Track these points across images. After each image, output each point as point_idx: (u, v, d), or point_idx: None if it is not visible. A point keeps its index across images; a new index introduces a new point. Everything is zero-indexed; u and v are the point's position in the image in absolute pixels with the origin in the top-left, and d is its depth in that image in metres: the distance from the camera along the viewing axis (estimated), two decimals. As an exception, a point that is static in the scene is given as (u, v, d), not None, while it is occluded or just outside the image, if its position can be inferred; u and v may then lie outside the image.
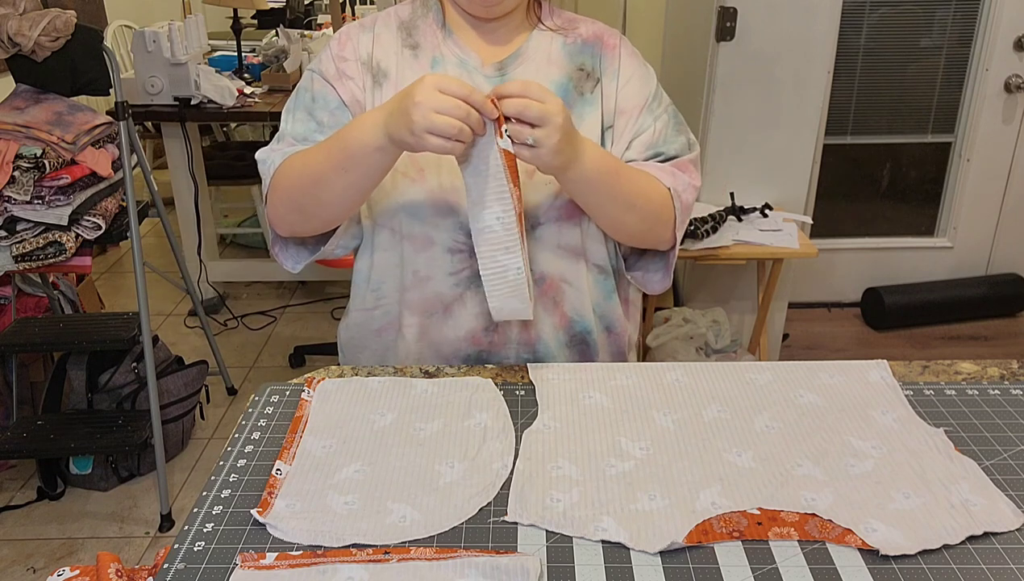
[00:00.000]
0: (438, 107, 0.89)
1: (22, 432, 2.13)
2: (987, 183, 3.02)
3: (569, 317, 1.16)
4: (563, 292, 1.15)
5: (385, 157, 0.98)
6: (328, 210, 1.06)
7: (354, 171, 1.00)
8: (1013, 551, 0.78)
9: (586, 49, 1.15)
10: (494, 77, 1.12)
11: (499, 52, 1.14)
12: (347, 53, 1.13)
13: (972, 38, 2.86)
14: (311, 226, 1.10)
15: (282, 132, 1.14)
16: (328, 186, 1.02)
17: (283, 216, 1.10)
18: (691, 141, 1.17)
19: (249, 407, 1.01)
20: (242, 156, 3.49)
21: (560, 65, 1.14)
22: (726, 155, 2.52)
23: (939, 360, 1.11)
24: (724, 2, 2.34)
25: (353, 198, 1.04)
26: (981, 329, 3.07)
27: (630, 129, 1.14)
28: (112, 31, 3.71)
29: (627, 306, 1.23)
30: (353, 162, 0.99)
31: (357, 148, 0.98)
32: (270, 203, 1.10)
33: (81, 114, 2.08)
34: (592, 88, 1.14)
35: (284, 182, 1.07)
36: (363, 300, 1.19)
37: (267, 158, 1.11)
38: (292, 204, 1.07)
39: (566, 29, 1.16)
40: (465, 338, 1.14)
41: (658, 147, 1.14)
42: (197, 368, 2.45)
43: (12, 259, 1.99)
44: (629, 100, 1.14)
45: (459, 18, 1.14)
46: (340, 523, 0.81)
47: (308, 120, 1.12)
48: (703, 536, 0.79)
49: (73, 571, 0.78)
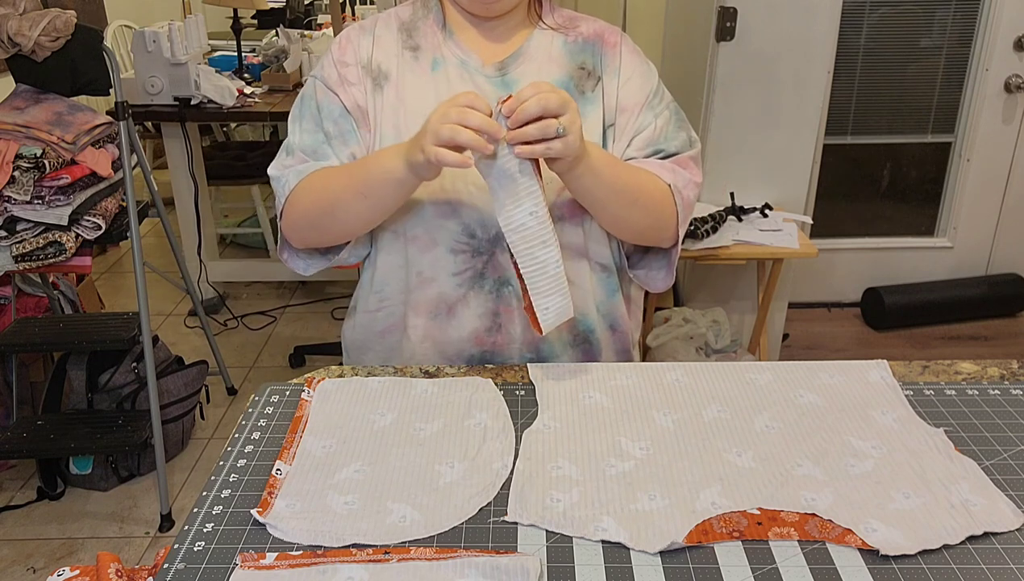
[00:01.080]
0: (451, 119, 0.90)
1: (22, 432, 2.13)
2: (987, 183, 3.01)
3: (574, 316, 1.16)
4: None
5: (403, 188, 1.01)
6: (345, 229, 1.09)
7: (373, 197, 1.03)
8: (1013, 551, 0.78)
9: (587, 47, 1.15)
10: (495, 77, 1.12)
11: (500, 52, 1.14)
12: (348, 58, 1.13)
13: (972, 38, 2.86)
14: (327, 241, 1.13)
15: (290, 144, 1.14)
16: (346, 209, 1.05)
17: (299, 232, 1.12)
18: (692, 138, 1.17)
19: (249, 407, 1.01)
20: (242, 156, 3.48)
21: (561, 64, 1.14)
22: (726, 155, 2.52)
23: (939, 360, 1.11)
24: (724, 2, 2.34)
25: (371, 220, 1.08)
26: (981, 329, 3.07)
27: (631, 126, 1.14)
28: (112, 31, 3.71)
29: (629, 304, 1.23)
30: (372, 190, 1.02)
31: (378, 177, 1.01)
32: (286, 220, 1.12)
33: (81, 114, 2.08)
34: (593, 86, 1.13)
35: (302, 202, 1.09)
36: (368, 302, 1.20)
37: (281, 176, 1.12)
38: (309, 222, 1.09)
39: (567, 28, 1.16)
40: (469, 338, 1.14)
41: (659, 144, 1.14)
42: (197, 368, 2.45)
43: (12, 259, 1.99)
44: (630, 98, 1.14)
45: (460, 18, 1.14)
46: (340, 523, 0.81)
47: (316, 131, 1.12)
48: (703, 536, 0.79)
49: (73, 571, 0.78)
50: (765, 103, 2.45)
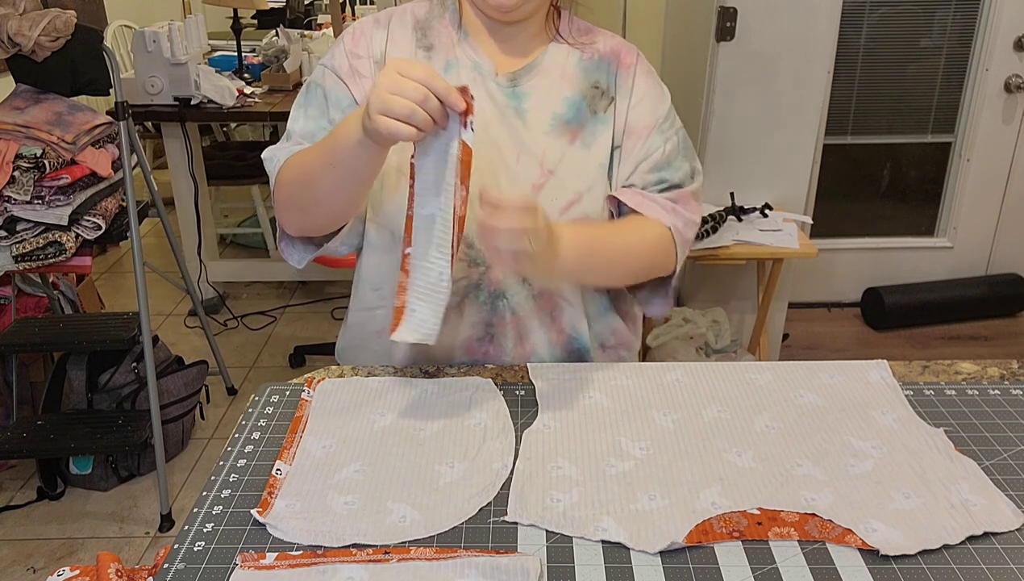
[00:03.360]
0: (393, 88, 0.85)
1: (22, 432, 2.13)
2: (987, 183, 3.02)
3: (567, 333, 1.15)
4: (560, 308, 1.14)
5: (366, 152, 0.93)
6: (324, 209, 1.03)
7: (340, 167, 0.97)
8: (1013, 551, 0.78)
9: (602, 65, 1.13)
10: (507, 87, 1.10)
11: (514, 62, 1.12)
12: (360, 50, 1.11)
13: (972, 38, 2.86)
14: (315, 225, 1.08)
15: (291, 129, 1.11)
16: (319, 183, 1.00)
17: (287, 214, 1.08)
18: (696, 170, 1.15)
19: (249, 407, 1.01)
20: (242, 156, 3.48)
21: (574, 82, 1.12)
22: (726, 155, 2.52)
23: (939, 360, 1.11)
24: (724, 2, 2.34)
25: (345, 196, 1.01)
26: (981, 329, 3.07)
27: (639, 149, 1.12)
28: (112, 31, 3.71)
29: (628, 322, 1.23)
30: (338, 158, 0.96)
31: (341, 143, 0.95)
32: (275, 202, 1.09)
33: (81, 114, 2.08)
34: (606, 107, 1.12)
35: (284, 180, 1.05)
36: (365, 300, 1.19)
37: (273, 156, 1.09)
38: (293, 202, 1.06)
39: (584, 43, 1.14)
40: (461, 346, 1.14)
41: (663, 171, 1.12)
42: (197, 368, 2.45)
43: (12, 259, 1.99)
44: (639, 120, 1.12)
45: (476, 20, 1.12)
46: (340, 523, 0.81)
47: (320, 118, 1.10)
48: (703, 536, 0.79)
49: (73, 571, 0.78)
50: (765, 103, 2.45)
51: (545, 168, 1.09)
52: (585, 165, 1.10)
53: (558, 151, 1.09)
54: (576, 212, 1.09)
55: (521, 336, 1.13)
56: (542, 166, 1.09)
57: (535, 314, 1.13)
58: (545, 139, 1.09)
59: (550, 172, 1.09)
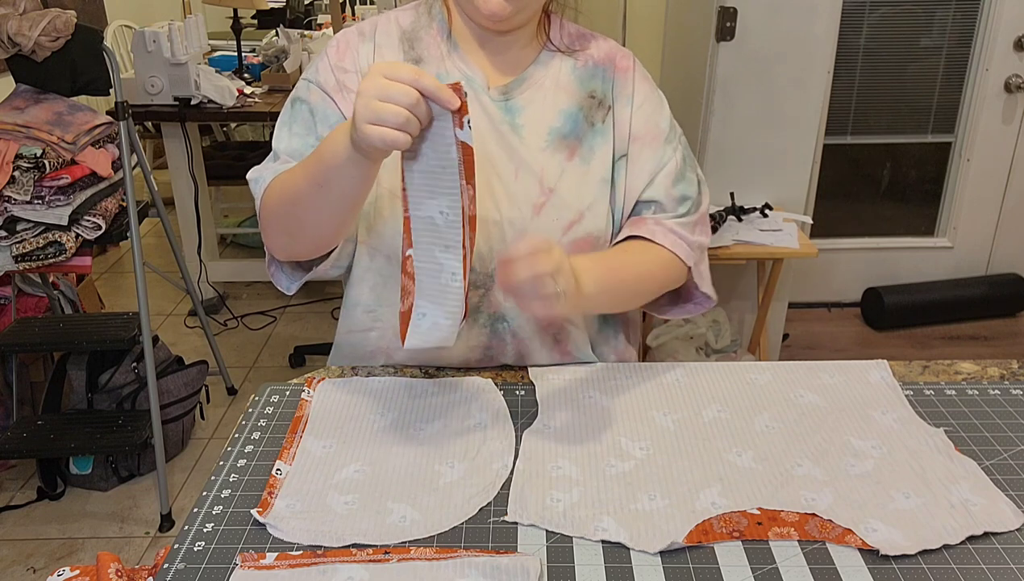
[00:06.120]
0: (381, 94, 0.79)
1: (22, 432, 2.13)
2: (987, 183, 3.01)
3: (572, 355, 1.13)
4: (567, 332, 1.12)
5: (356, 168, 0.87)
6: (312, 232, 0.97)
7: (329, 186, 0.90)
8: (1013, 551, 0.78)
9: (597, 73, 1.10)
10: (499, 100, 1.06)
11: (506, 74, 1.08)
12: (347, 64, 1.06)
13: (972, 38, 2.86)
14: (302, 250, 1.02)
15: (275, 150, 1.05)
16: (306, 205, 0.93)
17: (274, 239, 1.02)
18: (700, 179, 1.13)
19: (249, 407, 1.01)
20: (242, 156, 3.49)
21: (570, 92, 1.08)
22: (726, 155, 2.52)
23: (939, 360, 1.11)
24: (724, 2, 2.34)
25: (335, 218, 0.94)
26: (981, 329, 3.07)
27: (649, 159, 1.09)
28: (112, 31, 3.71)
29: (631, 331, 1.23)
30: (327, 176, 0.89)
31: (327, 161, 0.89)
32: (261, 226, 1.02)
33: (81, 114, 2.08)
34: (604, 117, 1.08)
35: (270, 203, 0.99)
36: (357, 322, 1.13)
37: (258, 177, 1.03)
38: (279, 225, 1.00)
39: (576, 49, 1.10)
40: (458, 366, 1.11)
41: (680, 183, 1.10)
42: (197, 368, 2.45)
43: (12, 259, 1.99)
44: (643, 125, 1.09)
45: (466, 30, 1.07)
46: (340, 523, 0.81)
47: (307, 135, 1.04)
48: (703, 536, 0.79)
49: (73, 571, 0.78)
50: (765, 103, 2.45)
51: (545, 186, 1.05)
52: (586, 181, 1.07)
53: (557, 167, 1.06)
54: (579, 231, 1.06)
55: (522, 356, 1.11)
56: (542, 184, 1.05)
57: (537, 336, 1.10)
58: (542, 155, 1.06)
59: (550, 190, 1.05)
